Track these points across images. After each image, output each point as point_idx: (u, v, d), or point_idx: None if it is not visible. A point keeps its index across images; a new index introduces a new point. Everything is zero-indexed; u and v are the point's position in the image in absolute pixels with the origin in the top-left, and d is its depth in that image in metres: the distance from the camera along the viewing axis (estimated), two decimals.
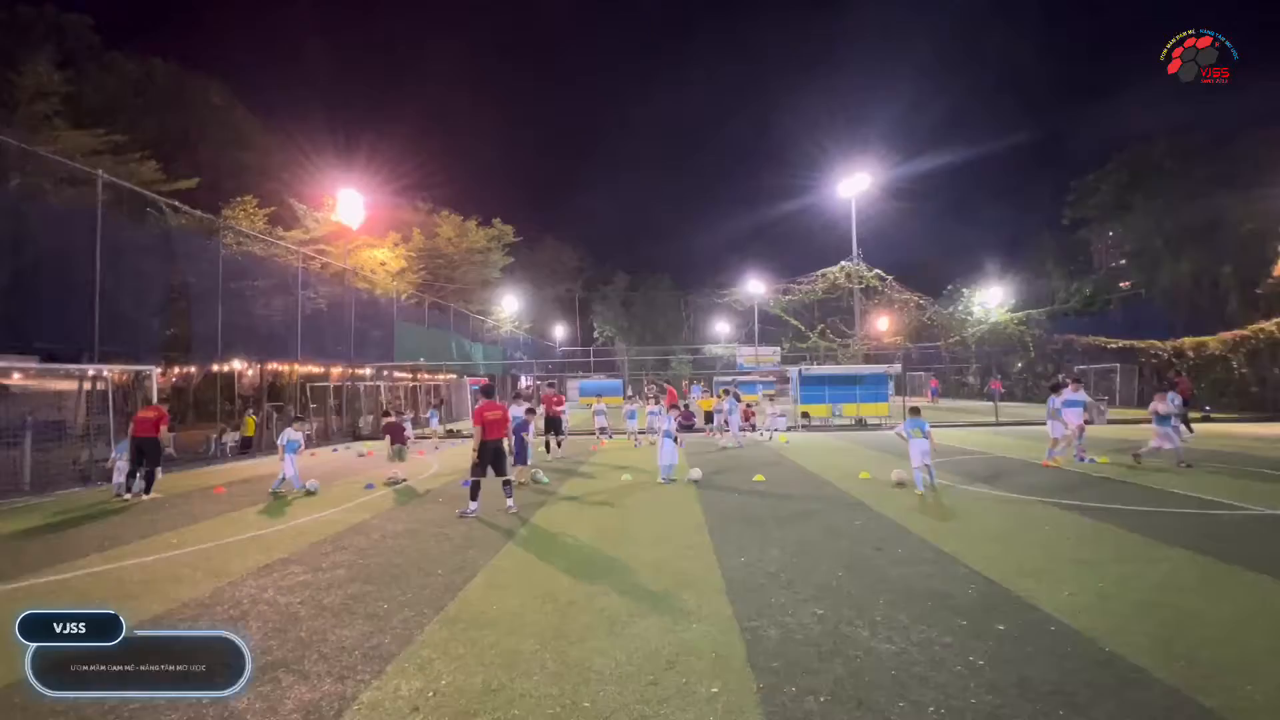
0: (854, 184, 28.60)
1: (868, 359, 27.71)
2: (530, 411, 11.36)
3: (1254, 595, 4.53)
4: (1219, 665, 3.43)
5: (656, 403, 18.63)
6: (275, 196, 25.89)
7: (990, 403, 25.75)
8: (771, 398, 21.20)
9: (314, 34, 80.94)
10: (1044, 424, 12.19)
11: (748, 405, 22.21)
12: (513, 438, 10.06)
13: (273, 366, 20.64)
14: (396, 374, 27.24)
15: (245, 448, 17.02)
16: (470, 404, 31.36)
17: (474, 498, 7.96)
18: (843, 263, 28.37)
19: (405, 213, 34.91)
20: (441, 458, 14.89)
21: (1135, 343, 25.81)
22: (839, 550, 5.91)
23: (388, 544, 6.53)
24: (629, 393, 32.87)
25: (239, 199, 23.18)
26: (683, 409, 18.50)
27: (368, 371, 24.85)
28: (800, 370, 23.36)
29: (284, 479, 9.91)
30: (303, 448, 10.31)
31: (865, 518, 7.30)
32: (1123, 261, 39.17)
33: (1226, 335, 23.45)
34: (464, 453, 14.49)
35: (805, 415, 21.65)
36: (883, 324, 31.71)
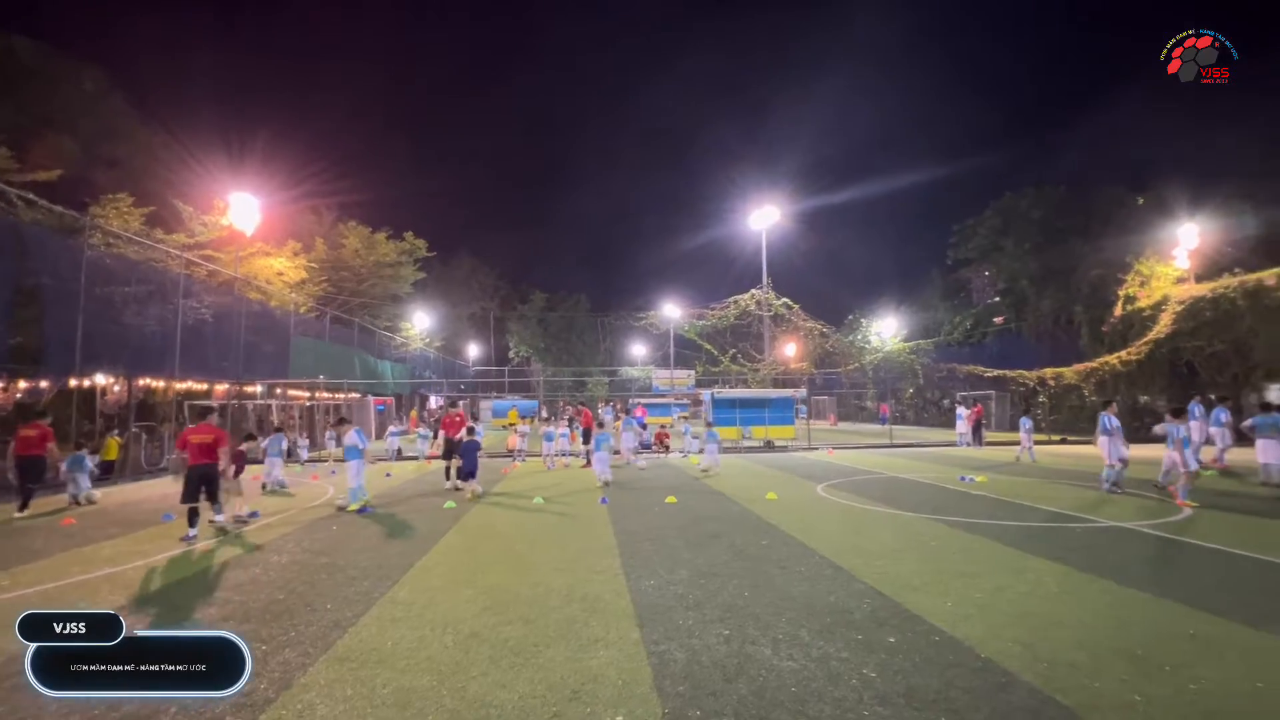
0: (764, 216, 30.07)
1: (776, 383, 28.88)
2: (472, 430, 11.57)
3: (1102, 600, 5.06)
4: (1074, 666, 3.78)
5: (570, 424, 18.49)
6: (156, 196, 23.56)
7: (882, 425, 27.59)
8: (686, 419, 21.59)
9: (209, 26, 75.28)
10: (936, 445, 13.06)
11: (661, 427, 22.49)
12: (464, 456, 11.05)
13: (144, 382, 18.59)
14: (291, 392, 25.35)
15: (106, 472, 15.12)
16: (374, 424, 29.72)
17: (191, 524, 7.68)
18: (753, 290, 29.60)
19: (307, 221, 32.83)
20: (338, 482, 13.91)
21: (1006, 372, 28.64)
22: (745, 570, 6.04)
23: (270, 578, 5.98)
24: (544, 414, 32.40)
25: (111, 196, 20.92)
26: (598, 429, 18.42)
27: (258, 389, 22.94)
28: (712, 394, 23.98)
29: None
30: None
31: (771, 537, 7.52)
32: (997, 299, 43.47)
33: (1079, 367, 26.51)
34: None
35: None
36: (790, 350, 33.24)
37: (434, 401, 44.80)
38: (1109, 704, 3.31)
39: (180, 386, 19.21)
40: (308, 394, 26.73)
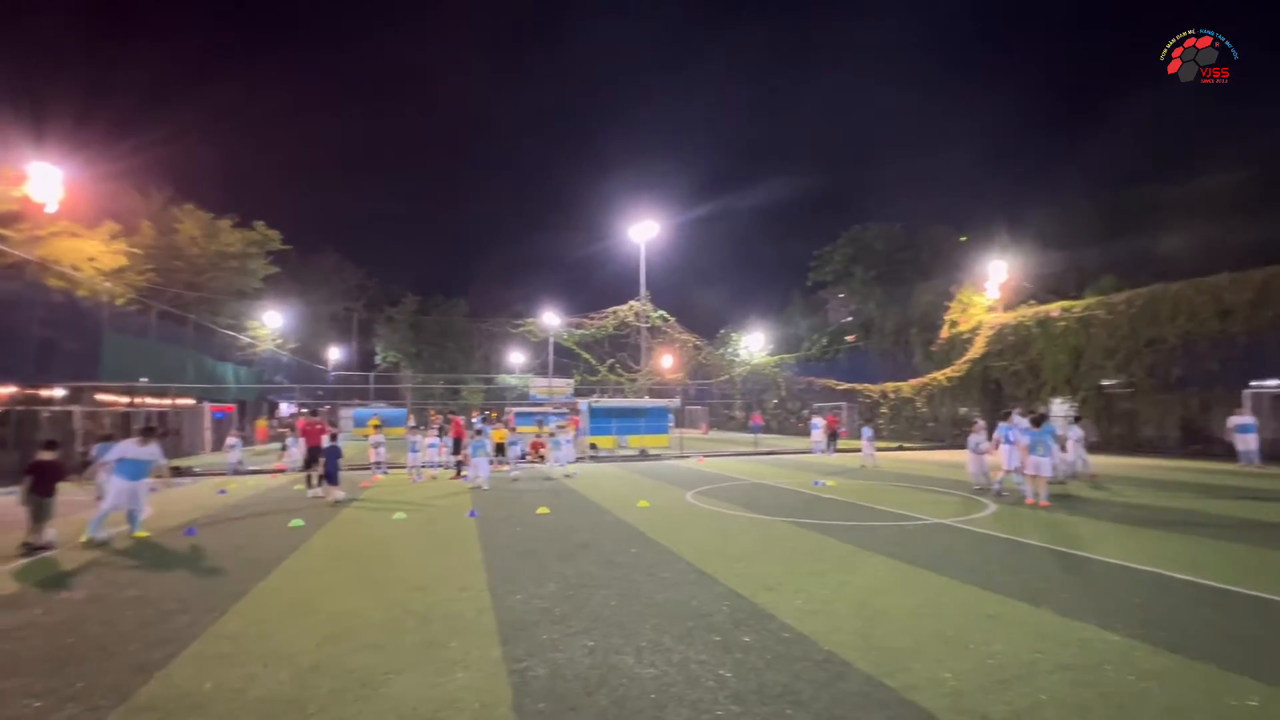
0: (643, 230, 30.81)
1: (652, 393, 29.59)
2: (334, 436, 11.70)
3: (926, 589, 5.71)
4: (899, 651, 4.22)
5: (441, 434, 17.63)
6: None
7: (754, 433, 29.32)
8: (565, 429, 21.43)
9: None
10: (795, 453, 13.96)
11: (536, 437, 22.13)
12: (325, 461, 11.38)
13: None
14: (102, 396, 21.73)
15: None
16: (211, 433, 26.31)
17: None
18: (631, 302, 30.17)
19: (131, 200, 28.47)
20: (160, 500, 12.10)
21: (855, 386, 31.69)
22: (614, 579, 6.09)
23: (55, 618, 5.05)
24: (413, 423, 30.58)
25: None
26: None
27: (59, 393, 19.41)
28: (589, 403, 24.05)
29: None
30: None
31: (640, 545, 7.65)
32: (849, 319, 47.96)
33: (914, 382, 29.99)
34: (191, 494, 12.29)
35: (593, 446, 22.23)
36: (666, 361, 34.27)
37: (285, 409, 40.67)
38: (925, 682, 3.73)
39: None
40: (126, 400, 23.08)
